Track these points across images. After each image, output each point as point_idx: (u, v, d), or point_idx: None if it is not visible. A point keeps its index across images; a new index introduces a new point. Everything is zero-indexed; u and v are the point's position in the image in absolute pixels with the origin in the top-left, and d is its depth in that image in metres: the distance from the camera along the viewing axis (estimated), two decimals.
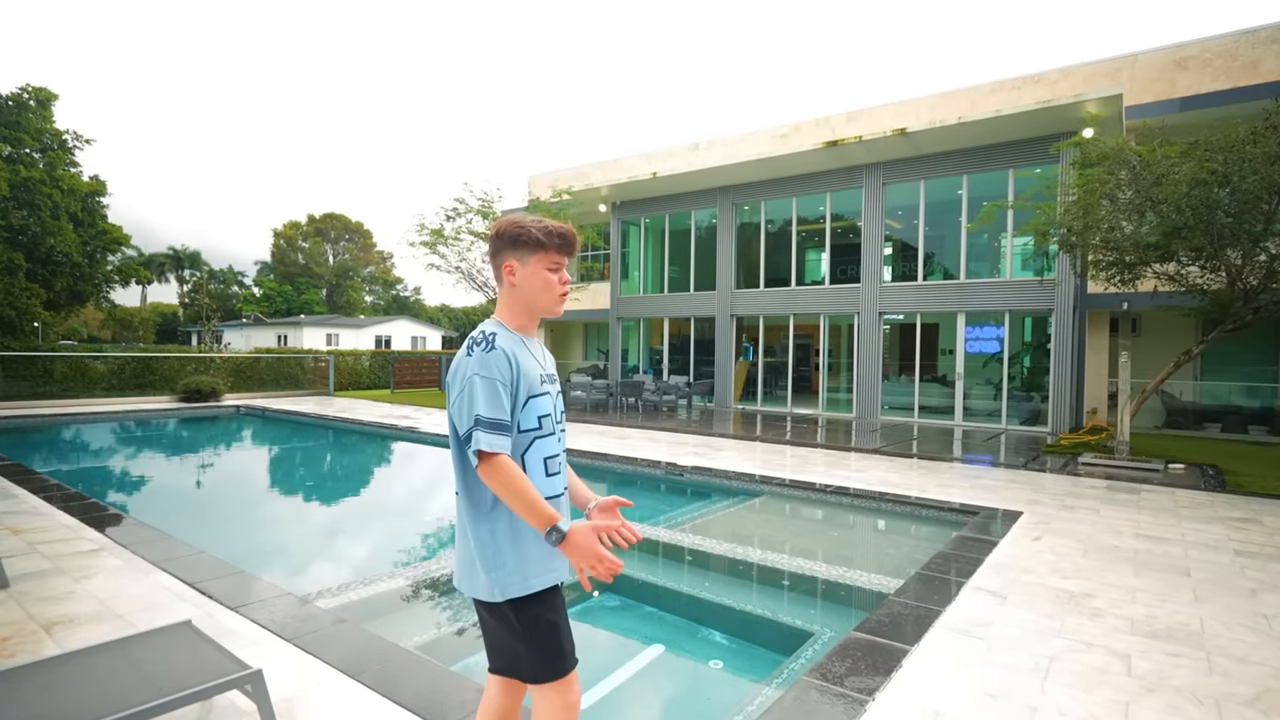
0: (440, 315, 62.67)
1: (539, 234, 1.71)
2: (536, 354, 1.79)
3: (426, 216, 17.63)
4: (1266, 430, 12.60)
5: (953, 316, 14.20)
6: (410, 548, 5.73)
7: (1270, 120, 7.98)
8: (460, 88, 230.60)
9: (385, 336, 43.58)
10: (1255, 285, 8.52)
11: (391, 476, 9.93)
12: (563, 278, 1.77)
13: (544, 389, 1.75)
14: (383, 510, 7.43)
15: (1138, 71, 13.53)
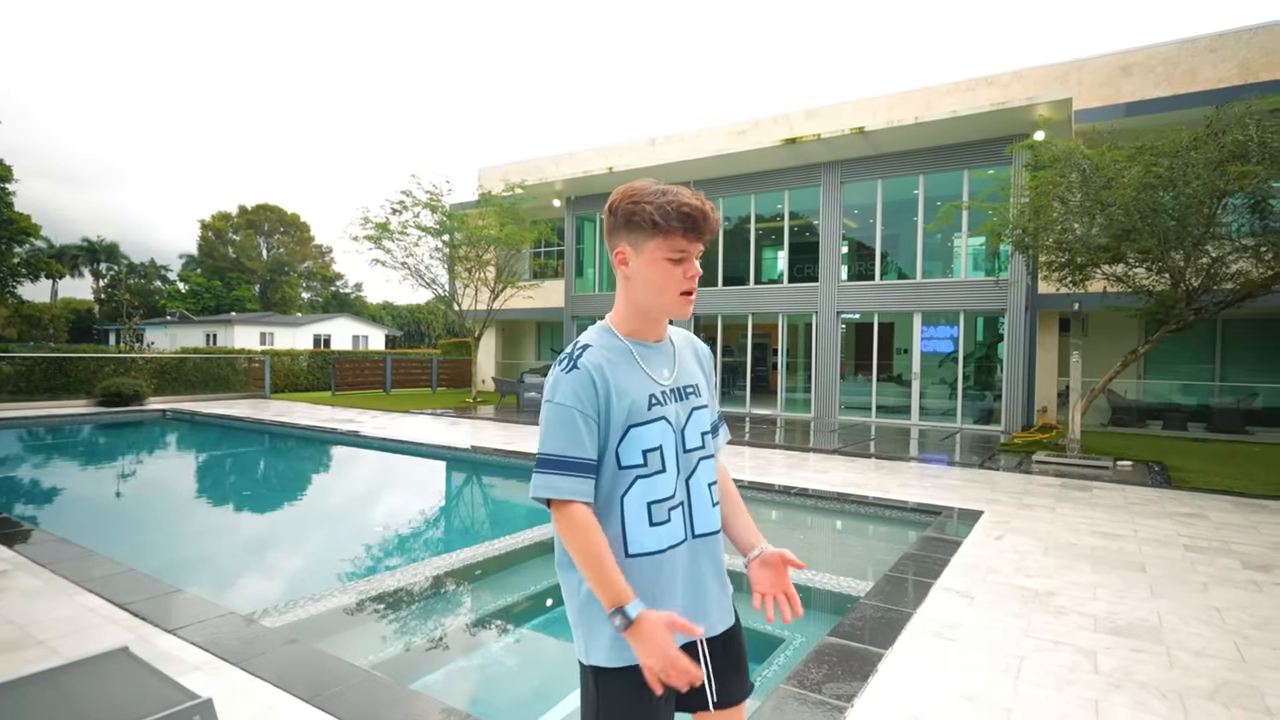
0: (383, 313, 61.26)
1: (655, 212, 1.32)
2: (655, 366, 1.44)
3: (371, 209, 17.09)
4: (1204, 427, 13.35)
5: (909, 316, 14.59)
6: (360, 559, 5.56)
7: (1211, 127, 8.43)
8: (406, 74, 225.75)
9: (324, 336, 42.34)
10: (1197, 286, 9.00)
11: (336, 483, 9.64)
12: (689, 270, 1.38)
13: (654, 415, 1.39)
14: (328, 519, 7.19)
15: (1085, 76, 14.16)
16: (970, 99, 15.03)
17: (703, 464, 1.47)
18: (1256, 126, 8.02)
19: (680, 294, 1.39)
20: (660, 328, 1.49)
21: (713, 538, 1.47)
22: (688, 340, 1.57)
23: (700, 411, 1.48)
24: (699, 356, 1.57)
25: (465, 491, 8.76)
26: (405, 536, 6.37)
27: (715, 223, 1.37)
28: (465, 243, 17.24)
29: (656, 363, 1.45)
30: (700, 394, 1.50)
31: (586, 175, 17.48)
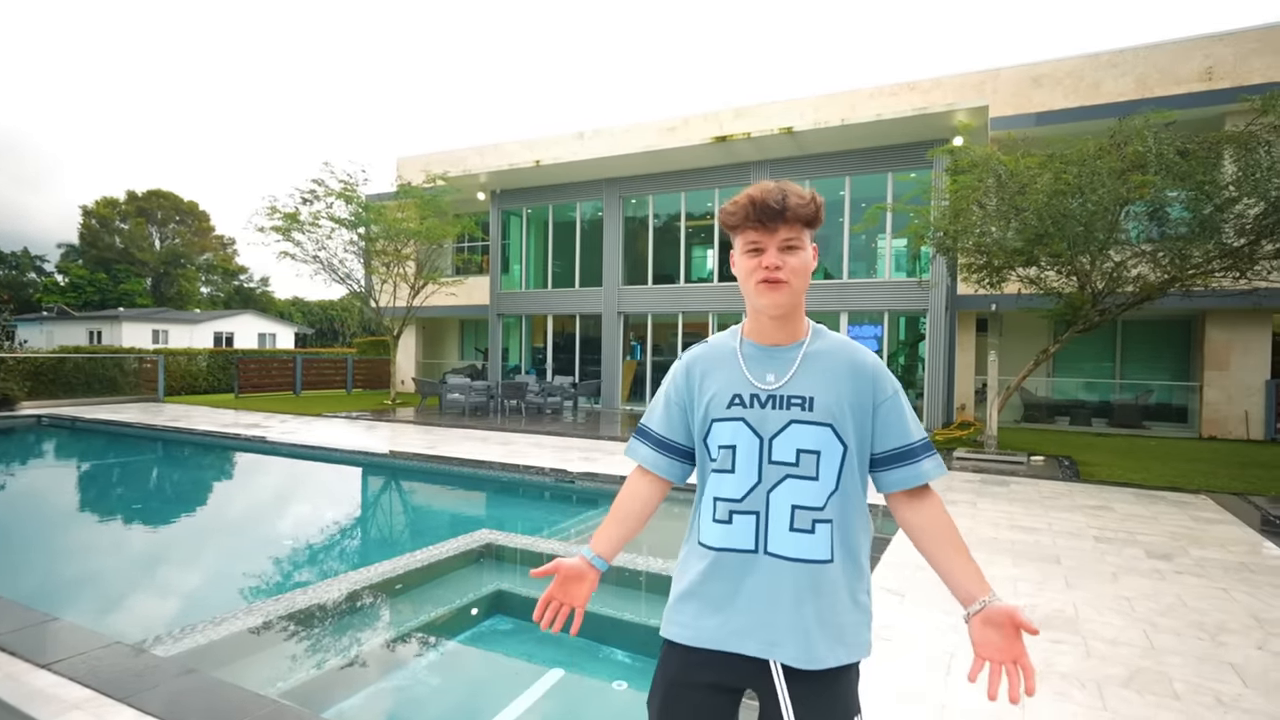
0: (293, 310, 58.51)
1: (725, 213, 1.41)
2: (759, 369, 1.44)
3: (278, 198, 16.25)
4: (1106, 422, 14.35)
5: (835, 316, 15.02)
6: (267, 576, 5.23)
7: (1114, 138, 9.05)
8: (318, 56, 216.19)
9: (227, 333, 40.05)
10: (1101, 289, 9.64)
11: (240, 494, 9.09)
12: (765, 261, 1.37)
13: (731, 414, 1.42)
14: (231, 534, 6.76)
15: (1000, 85, 14.96)
16: (893, 103, 15.64)
17: (790, 482, 1.37)
18: (1154, 139, 8.67)
19: (758, 284, 1.38)
20: (780, 331, 1.44)
21: (803, 565, 1.36)
22: (839, 354, 1.44)
23: (802, 427, 1.38)
24: (851, 371, 1.42)
25: (384, 500, 8.43)
26: (317, 550, 6.05)
27: (782, 204, 1.35)
28: (383, 236, 16.64)
29: (764, 366, 1.44)
30: (810, 408, 1.38)
31: (513, 168, 17.18)
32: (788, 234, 1.37)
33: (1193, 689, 3.04)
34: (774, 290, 1.37)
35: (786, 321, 1.43)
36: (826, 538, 1.36)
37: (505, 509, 7.80)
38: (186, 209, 57.21)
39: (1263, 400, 12.99)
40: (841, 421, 1.38)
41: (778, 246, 1.37)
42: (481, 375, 18.99)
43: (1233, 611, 4.02)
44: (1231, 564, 4.98)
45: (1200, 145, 8.75)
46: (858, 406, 1.40)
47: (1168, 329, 14.97)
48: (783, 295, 1.38)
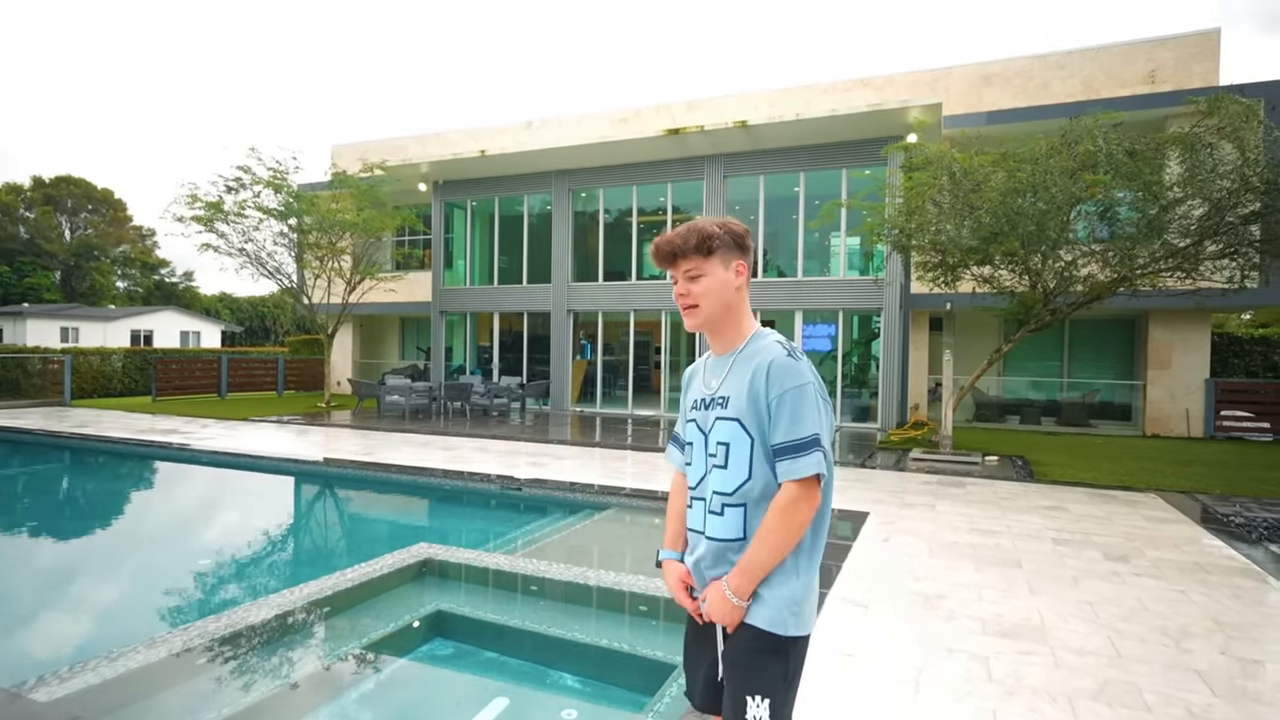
0: (220, 306, 56.16)
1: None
2: (708, 376, 1.75)
3: (200, 186, 15.45)
4: (1055, 421, 14.79)
5: (790, 314, 15.09)
6: (176, 603, 4.85)
7: (1065, 138, 9.26)
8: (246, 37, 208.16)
9: (145, 331, 38.15)
10: (1052, 288, 9.87)
11: (149, 509, 8.53)
12: (677, 291, 1.70)
13: (690, 416, 1.76)
14: (136, 556, 6.29)
15: (952, 84, 15.26)
16: (847, 99, 15.79)
17: (715, 472, 1.65)
18: (1104, 139, 8.90)
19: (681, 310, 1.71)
20: (718, 343, 1.74)
21: (715, 543, 1.63)
22: (756, 357, 1.65)
23: (722, 423, 1.64)
24: (754, 370, 1.62)
25: (313, 513, 8.02)
26: (236, 572, 5.66)
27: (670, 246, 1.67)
28: (316, 228, 16.00)
29: (711, 373, 1.75)
30: (726, 406, 1.64)
31: (457, 158, 16.72)
32: (688, 265, 1.65)
33: (1163, 700, 3.02)
34: (688, 315, 1.69)
35: (718, 335, 1.72)
36: (738, 520, 1.60)
37: (447, 520, 7.50)
38: (100, 197, 54.27)
39: (1203, 398, 13.57)
40: (746, 415, 1.59)
41: (683, 277, 1.67)
42: (423, 376, 18.47)
43: (1192, 615, 4.06)
44: (1186, 564, 5.07)
45: (1147, 146, 9.03)
46: (755, 401, 1.59)
47: (1113, 329, 15.53)
48: (695, 317, 1.69)
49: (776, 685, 1.57)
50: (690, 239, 1.63)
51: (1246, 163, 8.66)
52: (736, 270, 1.67)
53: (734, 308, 1.68)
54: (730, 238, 1.66)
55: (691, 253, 1.63)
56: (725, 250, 1.65)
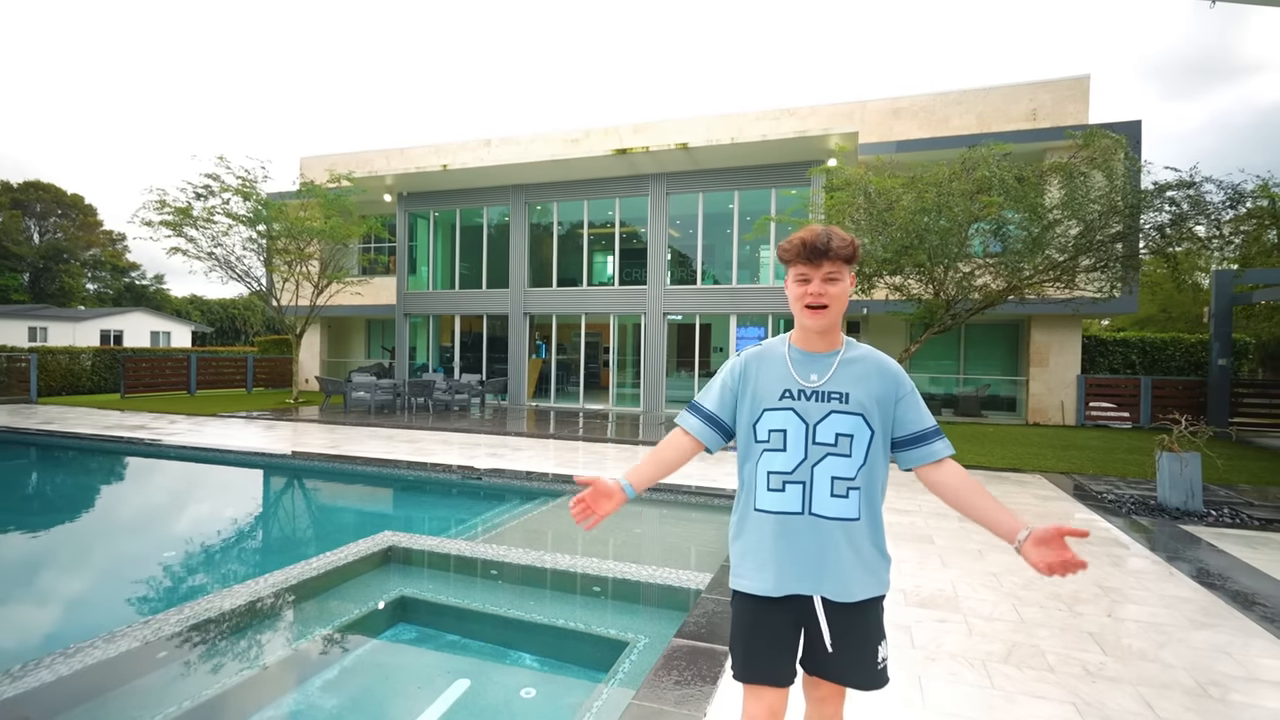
0: (191, 308, 53.25)
1: (781, 250, 1.68)
2: (804, 369, 1.68)
3: (169, 191, 14.52)
4: (953, 412, 15.26)
5: (726, 318, 15.16)
6: (141, 595, 4.46)
7: (965, 164, 9.52)
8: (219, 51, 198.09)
9: (115, 331, 35.81)
10: (954, 295, 10.14)
11: (116, 502, 7.90)
12: (811, 289, 1.63)
13: (783, 404, 1.67)
14: (101, 548, 5.80)
15: (867, 115, 15.57)
16: (775, 126, 15.95)
17: (830, 459, 1.62)
18: (997, 166, 9.18)
19: (804, 307, 1.64)
20: (820, 341, 1.69)
21: (839, 523, 1.61)
22: (872, 361, 1.69)
23: (840, 416, 1.63)
24: (878, 374, 1.67)
25: (281, 504, 7.57)
26: (203, 562, 5.26)
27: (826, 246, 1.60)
28: (285, 234, 15.23)
29: (808, 367, 1.68)
30: (846, 401, 1.63)
31: (420, 171, 16.19)
32: (830, 268, 1.62)
33: (1063, 660, 3.05)
34: (817, 315, 1.63)
35: (827, 334, 1.69)
36: (857, 501, 1.62)
37: (411, 509, 7.18)
38: (70, 202, 50.71)
39: (1075, 392, 14.22)
40: (870, 412, 1.64)
41: (822, 278, 1.62)
42: (388, 374, 17.83)
43: (1081, 582, 4.16)
44: None
45: (1033, 173, 9.37)
46: (883, 400, 1.65)
47: (1001, 331, 16.13)
48: (824, 317, 1.64)
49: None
50: (845, 246, 1.61)
51: (1114, 189, 9.07)
52: (851, 282, 1.71)
53: (842, 315, 1.69)
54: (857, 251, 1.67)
55: (840, 258, 1.61)
56: (854, 264, 1.67)
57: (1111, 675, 2.91)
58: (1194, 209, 8.88)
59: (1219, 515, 6.00)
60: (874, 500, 1.65)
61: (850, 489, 1.62)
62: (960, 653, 3.10)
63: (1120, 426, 13.74)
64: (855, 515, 1.60)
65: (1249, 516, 5.96)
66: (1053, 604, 3.76)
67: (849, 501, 1.61)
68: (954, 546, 4.86)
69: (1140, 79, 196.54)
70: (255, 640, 3.64)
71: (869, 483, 1.63)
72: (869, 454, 1.62)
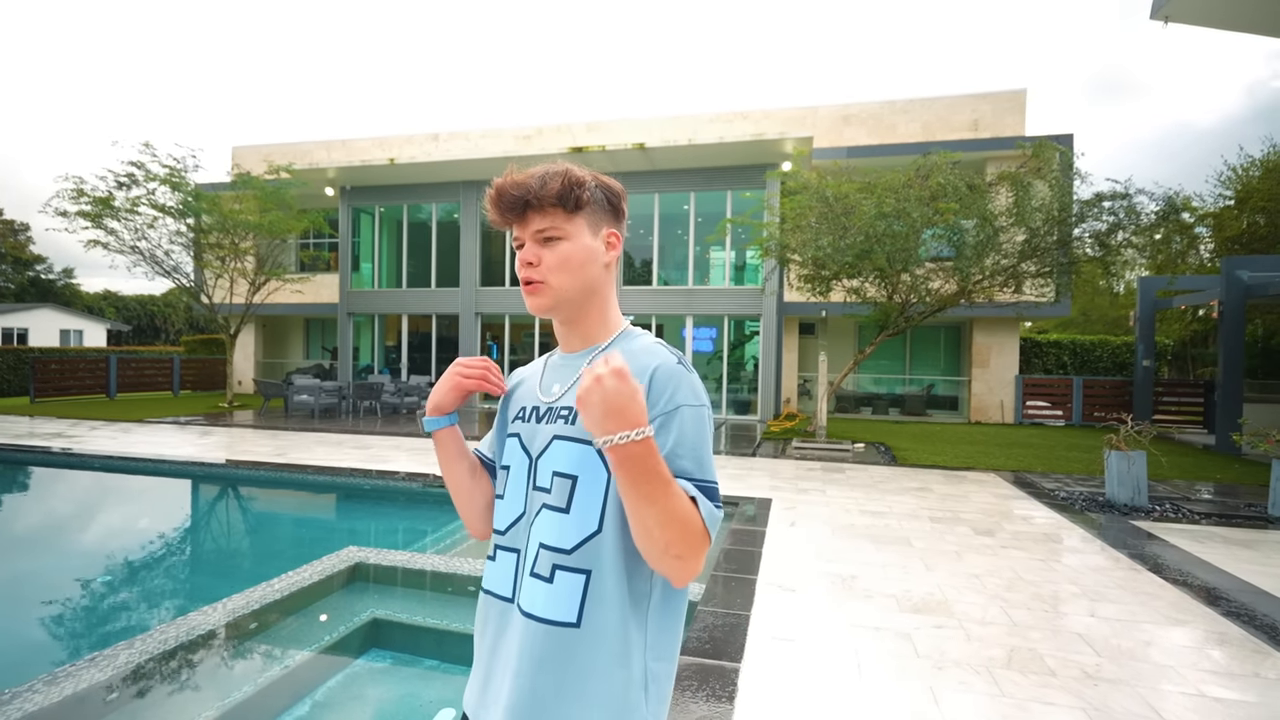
0: (105, 305, 49.69)
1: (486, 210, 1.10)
2: (550, 379, 1.12)
3: (87, 180, 13.42)
4: (900, 411, 15.72)
5: (681, 319, 15.15)
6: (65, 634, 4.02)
7: (919, 171, 9.77)
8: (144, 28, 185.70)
9: (19, 329, 33.03)
10: (908, 299, 10.41)
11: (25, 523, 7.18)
12: (520, 256, 1.06)
13: (514, 428, 1.12)
14: (18, 578, 5.23)
15: (818, 121, 15.85)
16: (730, 129, 16.05)
17: (545, 514, 1.01)
18: (950, 173, 9.47)
19: (522, 285, 1.07)
20: (570, 335, 1.12)
21: (539, 626, 0.97)
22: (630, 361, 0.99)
23: (562, 444, 1.02)
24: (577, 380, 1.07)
25: (227, 521, 7.04)
26: (137, 594, 4.81)
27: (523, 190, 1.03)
28: (217, 228, 14.32)
29: (555, 376, 1.12)
30: (573, 422, 1.02)
31: (365, 165, 15.53)
32: (541, 222, 1.04)
33: (1061, 663, 3.08)
34: (531, 294, 1.06)
35: (574, 325, 1.11)
36: (572, 593, 0.96)
37: (369, 521, 6.81)
38: None
39: (1014, 391, 14.87)
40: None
41: (531, 239, 1.05)
42: (329, 375, 17.04)
43: (1057, 581, 4.26)
44: (1036, 535, 5.38)
45: (983, 181, 9.70)
46: None
47: (944, 333, 16.73)
48: (542, 296, 1.05)
49: None
50: (551, 184, 1.02)
51: (1055, 198, 9.50)
52: (608, 241, 1.09)
53: (599, 291, 1.09)
54: (605, 195, 1.09)
55: (551, 204, 1.03)
56: (597, 210, 1.07)
57: (1110, 677, 2.95)
58: (1129, 218, 9.38)
59: (1163, 510, 6.31)
60: (616, 601, 0.96)
61: (560, 569, 0.97)
62: (964, 660, 3.10)
63: (1055, 424, 14.45)
64: (570, 619, 0.96)
65: (1190, 511, 6.30)
66: (1038, 605, 3.82)
67: (554, 591, 0.97)
68: (932, 548, 4.91)
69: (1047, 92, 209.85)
70: (214, 676, 3.30)
71: (602, 563, 0.96)
72: (605, 514, 0.97)
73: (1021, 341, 16.24)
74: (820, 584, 4.10)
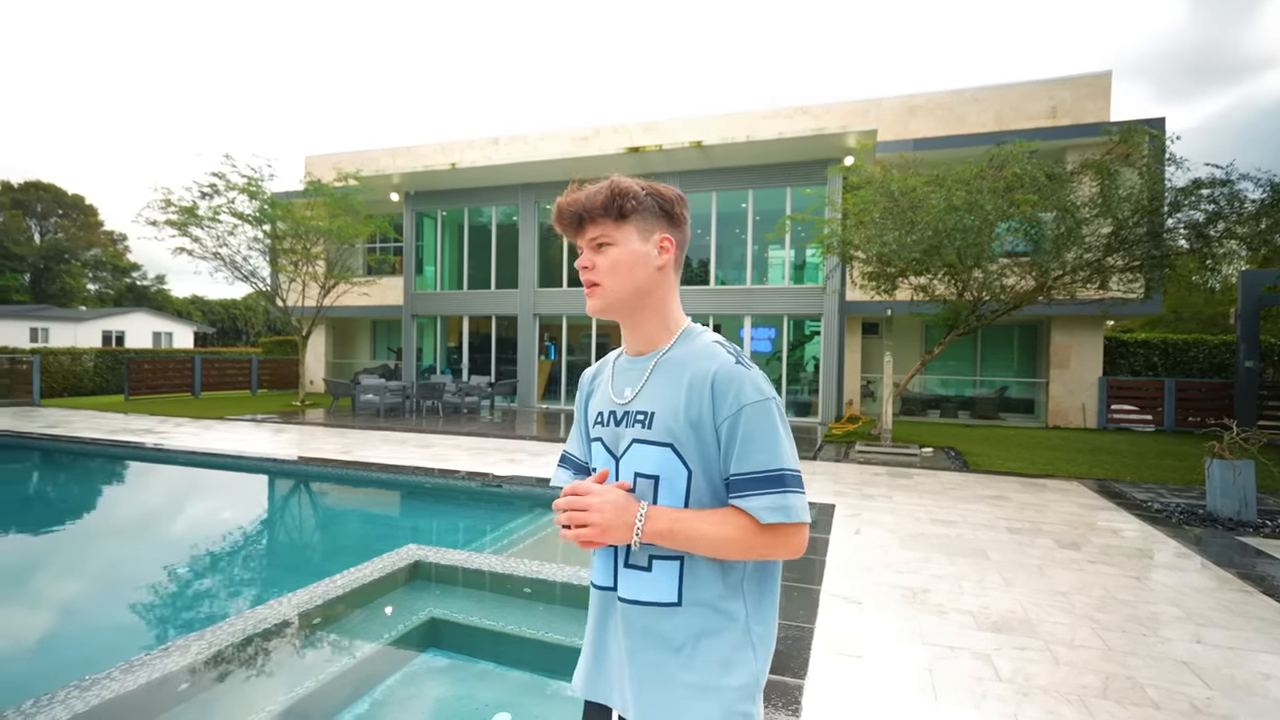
0: (193, 308, 53.05)
1: None
2: (620, 383, 1.23)
3: (174, 191, 14.27)
4: (970, 414, 15.01)
5: (739, 319, 14.91)
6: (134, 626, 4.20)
7: (993, 162, 9.26)
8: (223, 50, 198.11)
9: (117, 332, 35.58)
10: (981, 296, 9.88)
11: (112, 514, 7.63)
12: (578, 262, 1.21)
13: (595, 434, 1.24)
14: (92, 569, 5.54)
15: (882, 113, 15.31)
16: (789, 125, 15.69)
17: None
18: (1028, 164, 8.93)
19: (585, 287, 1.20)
20: (634, 338, 1.23)
21: (639, 609, 1.13)
22: (690, 363, 1.16)
23: (642, 447, 1.14)
24: (691, 380, 1.13)
25: (295, 516, 7.31)
26: (216, 580, 5.01)
27: (577, 205, 1.17)
28: (290, 234, 14.98)
29: (624, 379, 1.23)
30: (649, 425, 1.14)
31: (428, 170, 15.95)
32: (595, 231, 1.18)
33: (1165, 695, 2.79)
34: (588, 296, 1.19)
35: (635, 328, 1.22)
36: (670, 577, 1.11)
37: (430, 519, 6.93)
38: (71, 202, 50.50)
39: (1096, 394, 13.95)
40: (683, 441, 1.12)
41: (587, 246, 1.20)
42: (394, 375, 17.58)
43: (1155, 601, 3.90)
44: (1129, 550, 4.97)
45: (1064, 170, 9.11)
46: (698, 424, 1.11)
47: (1020, 333, 15.87)
48: (597, 299, 1.19)
49: None
50: (597, 197, 1.15)
51: (1145, 187, 8.82)
52: (660, 245, 1.18)
53: (653, 293, 1.18)
54: (654, 202, 1.17)
55: (599, 214, 1.15)
56: (645, 217, 1.16)
57: (1224, 713, 2.65)
58: (1231, 207, 8.63)
59: (1275, 525, 5.75)
60: (709, 582, 1.10)
61: (655, 558, 1.12)
62: (1052, 686, 2.85)
63: (1143, 429, 13.48)
64: (670, 598, 1.11)
65: None
66: (1134, 627, 3.50)
67: (653, 578, 1.12)
68: (1011, 561, 4.60)
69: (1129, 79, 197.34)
70: (275, 671, 3.38)
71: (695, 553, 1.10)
72: (688, 505, 1.11)
73: (1105, 341, 15.23)
74: (889, 597, 3.88)
